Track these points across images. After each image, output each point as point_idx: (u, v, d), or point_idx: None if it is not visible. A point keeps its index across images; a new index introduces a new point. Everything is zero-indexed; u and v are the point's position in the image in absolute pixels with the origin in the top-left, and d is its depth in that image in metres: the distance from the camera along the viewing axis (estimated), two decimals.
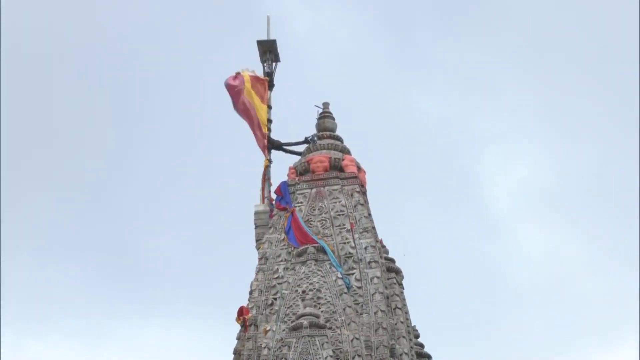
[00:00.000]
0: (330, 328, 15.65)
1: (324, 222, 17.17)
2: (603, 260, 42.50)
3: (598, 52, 42.86)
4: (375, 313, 15.96)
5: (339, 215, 17.21)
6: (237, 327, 16.34)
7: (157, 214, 41.36)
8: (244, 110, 18.50)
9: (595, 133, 43.34)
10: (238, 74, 18.58)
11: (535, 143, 43.65)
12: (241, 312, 16.21)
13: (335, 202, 17.39)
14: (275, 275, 16.66)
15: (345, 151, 18.31)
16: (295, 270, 16.52)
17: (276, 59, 19.36)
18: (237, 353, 16.25)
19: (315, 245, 16.60)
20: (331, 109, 19.11)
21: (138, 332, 40.33)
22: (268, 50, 19.29)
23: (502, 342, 37.76)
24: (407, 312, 16.83)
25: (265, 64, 19.28)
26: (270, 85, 19.00)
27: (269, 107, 18.75)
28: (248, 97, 18.49)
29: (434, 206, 40.69)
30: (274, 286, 16.53)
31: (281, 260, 16.82)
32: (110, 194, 40.95)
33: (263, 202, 17.94)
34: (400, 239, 17.97)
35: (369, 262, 16.54)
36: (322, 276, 16.28)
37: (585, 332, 40.18)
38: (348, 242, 16.83)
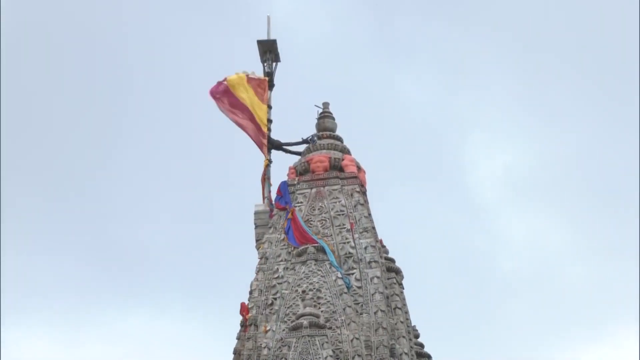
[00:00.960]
0: (330, 328, 15.65)
1: (324, 222, 17.18)
2: (588, 247, 42.35)
3: (583, 40, 42.79)
4: (375, 313, 15.96)
5: (339, 215, 17.21)
6: (224, 320, 16.35)
7: (155, 213, 41.39)
8: (238, 109, 18.49)
9: (579, 120, 43.22)
10: (220, 82, 18.61)
11: (519, 130, 43.46)
12: (243, 309, 16.26)
13: (335, 202, 17.39)
14: (275, 275, 16.66)
15: (345, 151, 18.31)
16: (295, 270, 16.52)
17: (276, 58, 19.37)
18: (237, 353, 16.26)
19: (315, 245, 16.60)
20: (329, 105, 19.13)
21: (121, 323, 40.36)
22: (268, 50, 19.31)
23: (491, 333, 37.60)
24: (407, 312, 16.83)
25: (265, 64, 19.30)
26: (271, 85, 19.02)
27: (269, 107, 18.76)
28: (239, 94, 18.47)
29: (417, 194, 40.50)
30: (274, 286, 16.53)
31: (281, 260, 16.82)
32: (99, 188, 41.01)
33: (263, 202, 17.96)
34: (383, 227, 17.96)
35: (369, 262, 16.55)
36: (322, 276, 16.28)
37: (573, 321, 40.03)
38: (348, 242, 16.83)
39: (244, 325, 16.30)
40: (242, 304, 16.38)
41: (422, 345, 17.13)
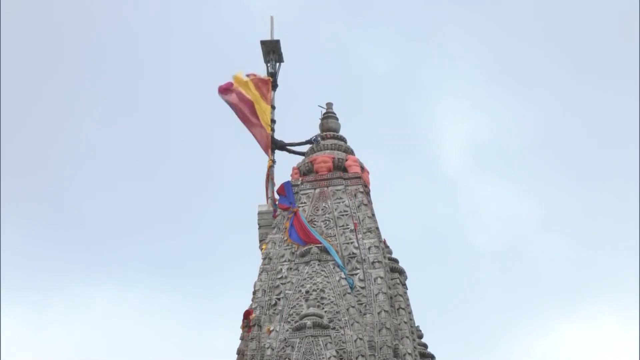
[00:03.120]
0: (333, 328, 15.66)
1: (327, 222, 17.19)
2: (559, 218, 41.71)
3: (550, 7, 42.22)
4: (378, 313, 15.97)
5: (343, 215, 17.22)
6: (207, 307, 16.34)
7: (159, 212, 41.31)
8: (241, 110, 18.55)
9: (547, 87, 42.60)
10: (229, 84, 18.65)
11: (486, 96, 42.78)
12: (246, 315, 16.28)
13: (339, 203, 17.40)
14: (279, 276, 16.66)
15: (349, 151, 18.33)
16: (298, 270, 16.53)
17: (280, 59, 19.40)
18: (240, 353, 16.27)
19: (319, 245, 16.61)
20: (332, 105, 19.13)
21: (86, 297, 40.19)
22: (272, 50, 19.34)
23: (466, 312, 36.99)
24: (410, 312, 16.83)
25: (268, 64, 19.34)
26: (274, 86, 19.05)
27: (273, 108, 18.80)
28: (244, 91, 18.49)
29: (383, 163, 39.86)
30: (278, 286, 16.54)
31: (285, 261, 16.83)
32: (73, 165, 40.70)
33: (267, 203, 17.98)
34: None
35: (373, 263, 16.55)
36: (325, 276, 16.30)
37: (547, 296, 39.53)
38: (351, 243, 16.83)
39: (247, 326, 16.31)
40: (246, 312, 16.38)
41: (425, 346, 17.14)
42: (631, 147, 39.22)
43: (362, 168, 18.07)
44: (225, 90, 18.57)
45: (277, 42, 19.42)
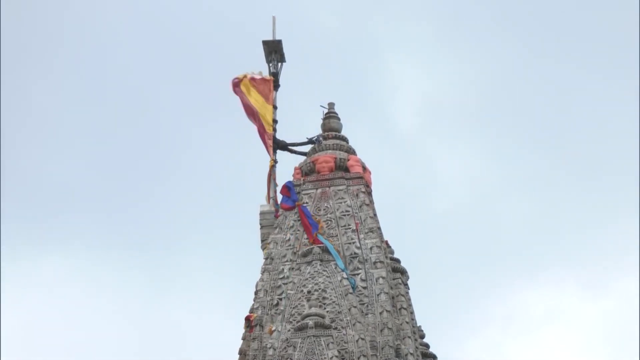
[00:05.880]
0: (335, 328, 15.66)
1: (329, 222, 17.19)
2: (519, 181, 41.01)
3: None
4: (380, 313, 15.97)
5: (345, 215, 17.23)
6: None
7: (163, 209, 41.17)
8: (251, 113, 18.63)
9: (505, 44, 42.01)
10: (238, 79, 18.67)
11: (440, 55, 41.99)
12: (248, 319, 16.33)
13: (341, 203, 17.41)
14: (281, 276, 16.68)
15: (351, 151, 18.33)
16: (300, 270, 16.54)
17: (282, 59, 19.42)
18: (242, 353, 16.28)
19: (321, 245, 16.63)
20: (334, 105, 19.13)
21: (36, 264, 39.74)
22: (274, 50, 19.36)
23: (427, 279, 36.28)
24: (412, 312, 16.84)
25: (270, 64, 19.35)
26: (276, 86, 19.07)
27: (275, 108, 18.82)
28: (249, 98, 18.57)
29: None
30: (279, 286, 16.56)
31: (286, 261, 16.84)
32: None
33: (268, 203, 18.00)
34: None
35: (375, 263, 16.56)
36: (327, 276, 16.30)
37: (509, 261, 38.95)
38: (353, 243, 16.84)
39: (249, 325, 16.33)
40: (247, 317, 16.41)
41: (427, 346, 17.15)
42: (589, 106, 38.90)
43: (364, 168, 18.08)
44: (236, 85, 18.63)
45: (279, 42, 19.44)
